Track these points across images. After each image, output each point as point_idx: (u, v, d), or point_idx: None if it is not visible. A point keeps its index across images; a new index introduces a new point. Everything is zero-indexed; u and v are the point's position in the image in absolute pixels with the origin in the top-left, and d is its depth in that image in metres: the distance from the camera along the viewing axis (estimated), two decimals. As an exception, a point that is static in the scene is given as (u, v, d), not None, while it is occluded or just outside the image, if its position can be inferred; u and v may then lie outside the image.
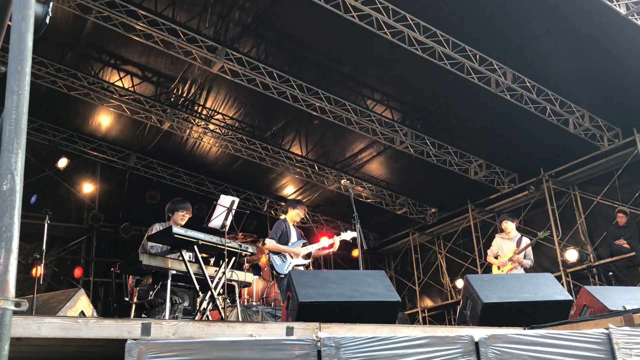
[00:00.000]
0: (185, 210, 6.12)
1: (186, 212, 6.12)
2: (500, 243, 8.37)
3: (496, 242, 8.47)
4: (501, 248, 8.32)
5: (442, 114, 10.30)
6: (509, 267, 8.02)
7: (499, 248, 8.35)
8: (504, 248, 8.28)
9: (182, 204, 6.16)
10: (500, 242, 8.39)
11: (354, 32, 8.21)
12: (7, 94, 1.25)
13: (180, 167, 12.84)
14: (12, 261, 1.13)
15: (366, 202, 12.80)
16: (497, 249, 8.36)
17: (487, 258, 8.63)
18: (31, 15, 1.34)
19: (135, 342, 2.57)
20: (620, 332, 3.35)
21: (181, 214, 6.08)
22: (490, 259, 8.45)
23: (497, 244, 8.42)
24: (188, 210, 6.15)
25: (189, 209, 6.16)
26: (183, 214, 6.09)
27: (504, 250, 8.26)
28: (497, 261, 8.24)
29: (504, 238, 8.40)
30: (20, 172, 1.20)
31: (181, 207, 6.12)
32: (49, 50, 9.71)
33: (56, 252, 12.40)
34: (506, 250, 8.23)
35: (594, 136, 9.83)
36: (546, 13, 7.78)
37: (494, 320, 4.41)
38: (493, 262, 8.37)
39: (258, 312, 7.87)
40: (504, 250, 8.26)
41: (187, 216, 6.13)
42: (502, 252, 8.28)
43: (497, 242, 8.46)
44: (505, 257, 8.13)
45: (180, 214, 6.07)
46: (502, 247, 8.31)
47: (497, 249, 8.36)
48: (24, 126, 1.23)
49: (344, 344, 2.92)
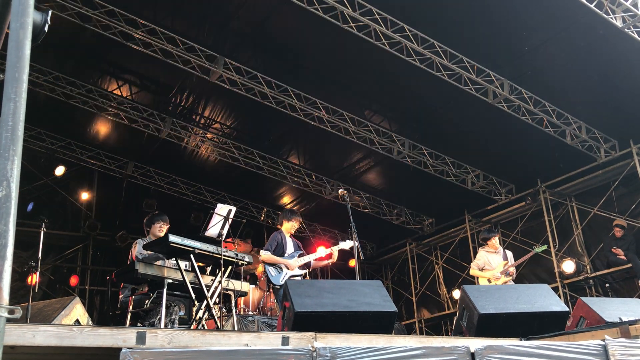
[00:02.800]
0: (162, 221, 6.16)
1: (163, 223, 6.15)
2: (487, 257, 8.21)
3: (482, 255, 8.28)
4: (488, 262, 8.15)
5: (440, 124, 10.33)
6: (503, 280, 7.92)
7: (485, 262, 8.17)
8: (492, 262, 8.15)
9: (158, 216, 6.20)
10: (486, 256, 8.23)
11: (352, 43, 8.24)
12: (4, 101, 1.26)
13: (177, 175, 12.84)
14: (7, 268, 1.13)
15: (363, 211, 12.78)
16: (484, 262, 8.18)
17: (471, 271, 8.36)
18: (29, 23, 1.35)
19: (130, 350, 2.55)
20: (617, 344, 3.35)
21: (158, 226, 6.11)
22: (476, 272, 8.22)
23: (484, 257, 8.23)
24: (165, 222, 6.18)
25: (166, 220, 6.20)
26: (160, 225, 6.12)
27: (492, 264, 8.12)
28: (487, 274, 8.05)
29: (489, 252, 8.26)
30: (16, 179, 1.20)
31: (157, 219, 6.16)
32: (48, 58, 9.72)
33: (52, 260, 12.35)
34: (494, 264, 8.11)
35: (590, 148, 9.86)
36: (543, 25, 7.83)
37: (490, 331, 4.40)
38: (480, 275, 8.16)
39: (254, 322, 7.84)
40: (492, 264, 8.13)
41: (165, 227, 6.14)
42: (489, 266, 8.12)
43: (483, 255, 8.27)
44: (496, 270, 8.02)
45: (157, 226, 6.11)
46: (490, 261, 8.16)
47: (484, 262, 8.18)
48: (21, 133, 1.23)
49: (340, 353, 2.91)
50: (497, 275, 7.99)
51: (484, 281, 8.11)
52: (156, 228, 6.09)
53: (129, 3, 8.47)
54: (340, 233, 14.12)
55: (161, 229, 6.09)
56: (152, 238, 5.88)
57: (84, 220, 12.84)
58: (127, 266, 5.20)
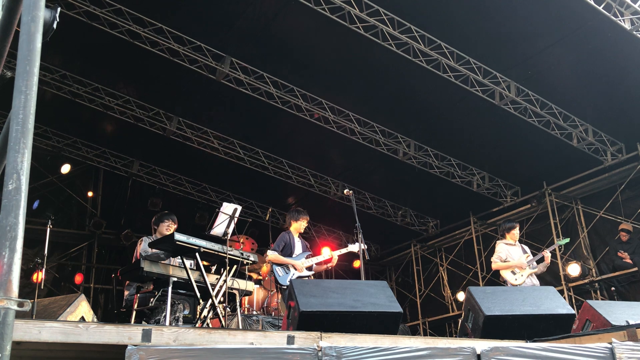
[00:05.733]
0: (171, 220, 6.20)
1: (171, 222, 6.19)
2: (508, 249, 7.90)
3: (502, 248, 7.94)
4: (510, 254, 7.84)
5: (446, 126, 10.31)
6: (528, 271, 7.63)
7: (507, 254, 7.84)
8: (513, 254, 7.84)
9: (167, 216, 6.25)
10: (507, 248, 7.91)
11: (359, 43, 8.23)
12: (15, 93, 1.25)
13: (183, 174, 12.85)
14: (16, 261, 1.13)
15: (368, 212, 12.76)
16: (506, 255, 7.84)
17: (494, 265, 7.94)
18: (41, 16, 1.35)
19: (135, 348, 2.55)
20: (624, 347, 3.33)
21: (166, 225, 6.15)
22: (499, 264, 7.83)
23: (504, 250, 7.90)
24: (174, 221, 6.21)
25: (174, 220, 6.23)
26: (168, 224, 6.16)
27: (514, 256, 7.81)
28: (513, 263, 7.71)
29: (509, 244, 7.95)
30: (26, 172, 1.20)
31: (166, 218, 6.20)
32: (55, 56, 9.75)
33: (57, 258, 12.37)
34: (516, 256, 7.80)
35: (597, 150, 9.83)
36: (551, 27, 7.80)
37: (495, 333, 4.38)
38: (504, 267, 7.79)
39: (258, 322, 7.84)
40: (513, 255, 7.82)
41: (173, 226, 6.17)
42: (511, 258, 7.80)
43: (503, 248, 7.93)
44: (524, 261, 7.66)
45: (165, 225, 6.14)
46: (511, 253, 7.85)
47: (506, 255, 7.84)
48: (31, 126, 1.23)
49: (346, 353, 2.90)
50: (524, 263, 7.66)
51: (508, 273, 7.75)
52: (164, 227, 6.11)
53: (136, 2, 8.48)
54: (345, 234, 14.10)
55: (169, 229, 6.11)
56: (159, 237, 5.90)
57: (89, 218, 12.86)
58: (133, 264, 5.21)
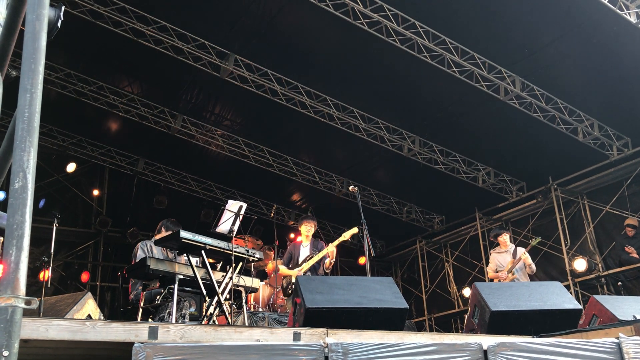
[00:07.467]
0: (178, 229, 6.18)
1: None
2: (497, 258, 8.33)
3: (493, 258, 8.43)
4: (500, 264, 8.26)
5: (451, 121, 10.27)
6: (509, 278, 7.97)
7: (497, 265, 8.30)
8: (502, 262, 8.23)
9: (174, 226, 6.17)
10: (497, 258, 8.35)
11: (363, 39, 8.22)
12: (20, 92, 1.25)
13: (188, 172, 12.88)
14: (24, 259, 1.13)
15: (373, 209, 12.75)
16: (496, 265, 8.31)
17: (489, 276, 8.54)
18: (45, 14, 1.35)
19: (142, 345, 2.56)
20: (631, 342, 3.32)
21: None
22: (492, 275, 8.38)
23: (495, 260, 8.37)
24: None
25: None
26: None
27: (503, 265, 8.21)
28: (499, 274, 8.13)
29: (499, 252, 8.36)
30: (32, 170, 1.20)
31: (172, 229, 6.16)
32: (60, 55, 9.77)
33: (63, 257, 12.43)
34: (504, 264, 8.18)
35: (603, 145, 9.79)
36: (556, 22, 7.77)
37: (502, 328, 4.37)
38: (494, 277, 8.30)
39: (264, 319, 7.85)
40: (503, 264, 8.21)
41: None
42: (500, 267, 8.22)
43: (494, 258, 8.41)
44: (503, 272, 8.06)
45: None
46: (500, 262, 8.26)
47: (496, 265, 8.31)
48: (37, 124, 1.23)
49: (352, 349, 2.90)
50: (503, 277, 8.03)
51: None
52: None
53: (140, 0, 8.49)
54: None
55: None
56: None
57: (95, 216, 12.91)
58: (139, 262, 5.21)
